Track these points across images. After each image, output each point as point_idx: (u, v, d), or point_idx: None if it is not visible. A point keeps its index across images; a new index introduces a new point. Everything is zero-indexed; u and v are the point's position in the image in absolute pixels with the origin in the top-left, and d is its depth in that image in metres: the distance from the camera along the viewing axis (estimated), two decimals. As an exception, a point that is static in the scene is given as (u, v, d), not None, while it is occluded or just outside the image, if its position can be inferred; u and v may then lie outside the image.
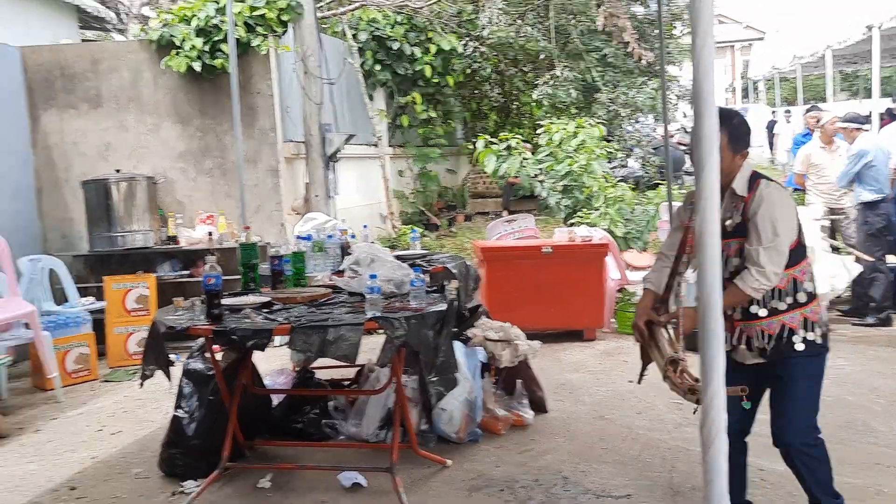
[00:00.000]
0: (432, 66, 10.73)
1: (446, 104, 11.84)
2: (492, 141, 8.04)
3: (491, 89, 12.81)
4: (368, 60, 10.26)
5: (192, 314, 3.66)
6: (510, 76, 12.36)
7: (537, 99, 11.22)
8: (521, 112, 13.58)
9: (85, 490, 3.83)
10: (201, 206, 7.35)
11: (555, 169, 7.74)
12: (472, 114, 13.21)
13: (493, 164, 7.93)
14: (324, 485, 3.73)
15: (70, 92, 7.33)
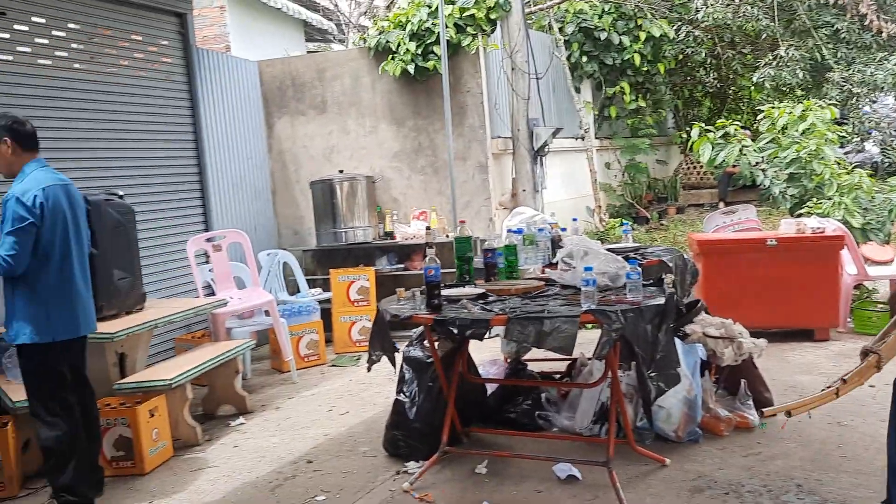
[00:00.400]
0: (642, 54, 10.41)
1: (656, 93, 11.44)
2: (707, 129, 7.63)
3: (706, 74, 12.18)
4: (575, 52, 10.17)
5: (414, 304, 3.84)
6: (727, 59, 11.66)
7: (757, 82, 10.49)
8: (739, 97, 12.78)
9: (320, 464, 4.16)
10: (415, 203, 7.70)
11: (779, 156, 7.19)
12: (683, 101, 12.65)
13: (708, 152, 7.51)
14: (538, 475, 3.75)
15: (299, 100, 7.98)
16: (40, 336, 3.61)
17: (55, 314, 3.64)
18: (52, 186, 3.67)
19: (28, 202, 3.55)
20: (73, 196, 3.82)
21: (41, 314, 3.62)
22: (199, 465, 4.33)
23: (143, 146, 6.17)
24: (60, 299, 3.67)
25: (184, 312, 5.18)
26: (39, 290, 3.62)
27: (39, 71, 5.33)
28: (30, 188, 3.60)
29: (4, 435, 4.07)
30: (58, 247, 3.66)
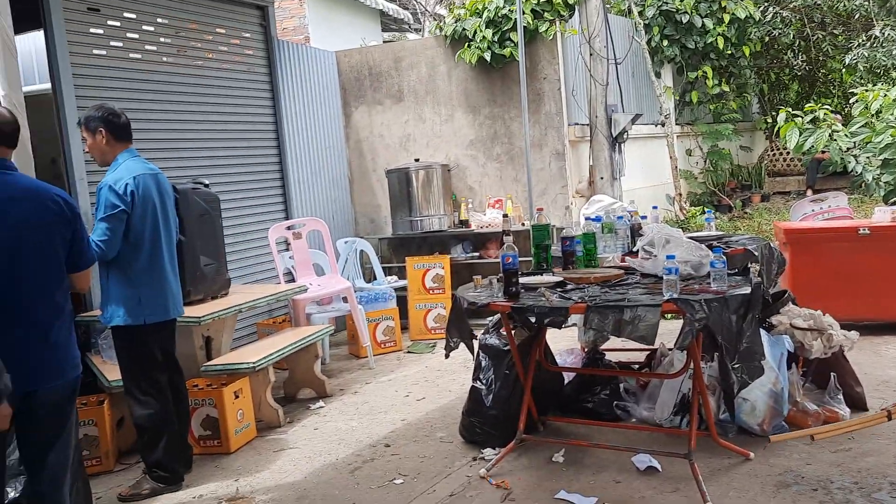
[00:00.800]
0: (725, 37, 10.08)
1: (740, 77, 11.06)
2: (794, 113, 7.33)
3: (793, 57, 11.70)
4: (656, 36, 9.93)
5: (491, 291, 3.84)
6: (816, 41, 11.18)
7: (850, 64, 10.02)
8: (829, 80, 12.23)
9: (398, 448, 4.22)
10: (490, 191, 7.69)
11: (873, 141, 6.85)
12: (769, 85, 12.19)
13: (796, 138, 7.22)
14: (617, 465, 3.71)
15: (376, 89, 8.07)
16: (132, 318, 3.79)
17: (146, 298, 3.81)
18: (142, 175, 3.83)
19: (120, 190, 3.71)
20: (163, 185, 3.98)
21: (133, 298, 3.79)
22: (282, 446, 4.45)
23: (227, 137, 6.35)
24: (151, 284, 3.83)
25: (266, 298, 5.32)
26: (131, 274, 3.80)
27: (130, 65, 5.55)
28: (122, 177, 3.77)
29: (101, 412, 4.28)
30: (148, 233, 3.82)
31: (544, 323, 3.48)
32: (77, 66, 5.09)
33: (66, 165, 5.06)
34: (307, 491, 3.78)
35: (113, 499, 3.88)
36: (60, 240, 2.77)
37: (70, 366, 2.80)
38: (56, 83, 4.98)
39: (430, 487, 3.68)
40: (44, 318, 2.71)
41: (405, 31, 14.88)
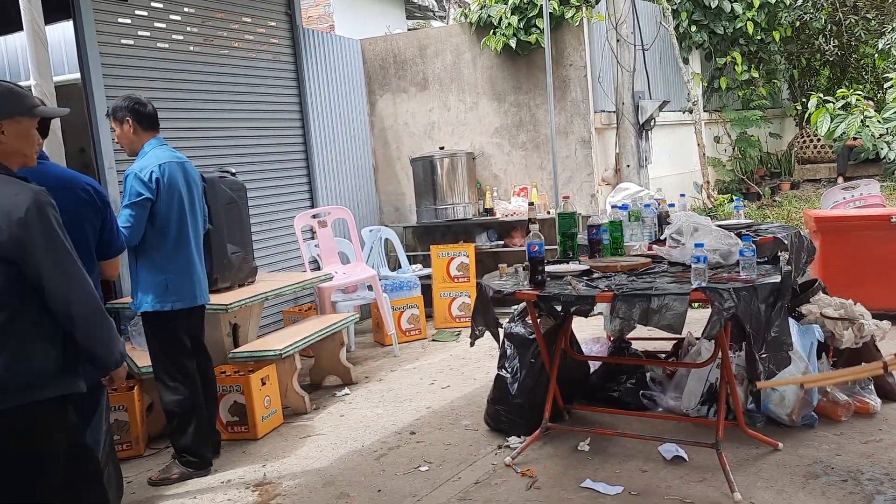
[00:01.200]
0: (755, 22, 9.91)
1: (770, 62, 10.87)
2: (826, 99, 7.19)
3: (825, 42, 11.47)
4: (684, 22, 9.78)
5: (517, 280, 3.83)
6: (849, 25, 10.95)
7: (883, 49, 9.78)
8: (861, 66, 11.98)
9: (423, 435, 4.24)
10: (515, 179, 7.65)
11: (906, 127, 6.72)
12: (800, 71, 11.96)
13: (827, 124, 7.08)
14: (643, 454, 3.69)
15: (401, 77, 8.05)
16: (161, 304, 3.84)
17: (173, 284, 3.86)
18: (168, 163, 3.86)
19: (144, 178, 3.76)
20: (190, 173, 4.01)
21: (161, 284, 3.84)
22: (308, 433, 4.49)
23: (253, 125, 6.38)
24: (178, 270, 3.88)
25: (292, 286, 5.35)
26: (158, 261, 3.84)
27: (158, 54, 5.59)
28: (147, 165, 3.81)
29: (131, 398, 4.34)
30: (174, 220, 3.86)
31: (570, 311, 3.47)
32: (105, 55, 5.13)
33: (94, 154, 5.12)
34: (333, 477, 3.81)
35: (143, 483, 3.94)
36: (91, 228, 2.80)
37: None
38: (85, 73, 5.03)
39: (456, 475, 3.69)
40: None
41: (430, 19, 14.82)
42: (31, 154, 2.50)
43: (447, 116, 7.90)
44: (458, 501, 3.41)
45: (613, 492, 3.34)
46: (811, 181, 11.30)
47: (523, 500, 3.36)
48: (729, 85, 10.40)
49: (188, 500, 3.71)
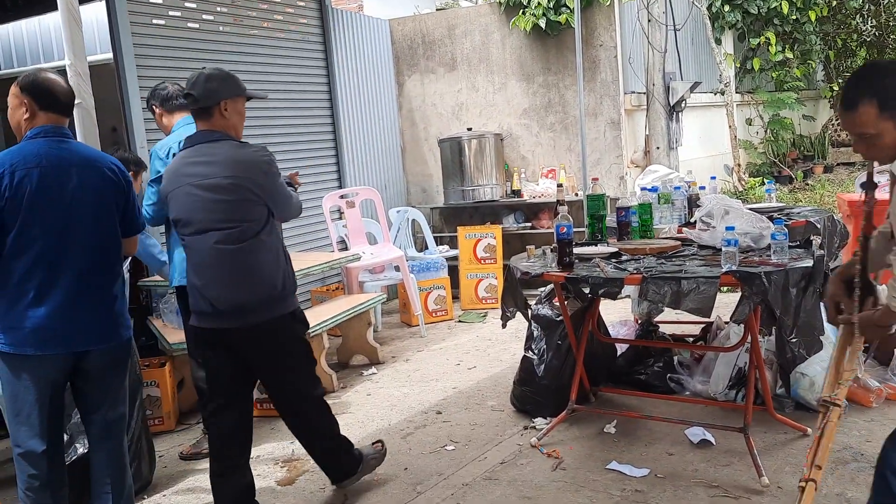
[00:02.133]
0: (790, 2, 9.71)
1: (805, 43, 10.65)
2: (862, 80, 7.05)
3: (862, 22, 11.21)
4: (716, 1, 9.62)
5: (544, 262, 3.82)
6: (887, 5, 10.69)
7: (922, 29, 9.56)
8: (900, 46, 11.68)
9: (449, 415, 4.27)
10: (543, 161, 7.61)
11: (945, 109, 6.57)
12: (835, 52, 11.71)
13: (863, 106, 6.97)
14: (670, 438, 3.69)
15: (429, 58, 8.02)
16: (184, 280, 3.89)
17: None
18: (187, 139, 3.89)
19: (161, 154, 3.81)
20: None
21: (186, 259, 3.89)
22: (335, 411, 4.46)
23: (282, 106, 6.41)
24: None
25: (320, 265, 5.39)
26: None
27: (188, 34, 5.62)
28: (167, 142, 3.86)
29: (163, 374, 4.42)
30: None
31: (598, 294, 3.45)
32: (137, 35, 5.18)
33: (126, 134, 5.18)
34: (360, 455, 3.86)
35: (174, 457, 4.02)
36: (114, 206, 2.85)
37: (123, 327, 2.89)
38: (117, 53, 5.08)
39: (482, 454, 3.72)
40: (101, 281, 2.80)
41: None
42: (241, 129, 3.21)
43: (475, 97, 7.86)
44: (484, 481, 3.44)
45: (639, 474, 3.34)
46: (845, 164, 11.09)
47: (549, 481, 3.38)
48: (762, 66, 10.22)
49: (218, 475, 3.77)
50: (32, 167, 2.65)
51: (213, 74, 3.12)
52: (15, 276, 2.66)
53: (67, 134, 2.83)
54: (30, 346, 2.66)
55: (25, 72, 2.90)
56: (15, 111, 2.79)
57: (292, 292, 3.19)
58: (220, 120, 3.09)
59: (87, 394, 2.87)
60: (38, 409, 2.72)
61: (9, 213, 2.62)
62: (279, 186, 3.11)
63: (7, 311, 2.68)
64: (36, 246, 2.66)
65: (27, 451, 2.75)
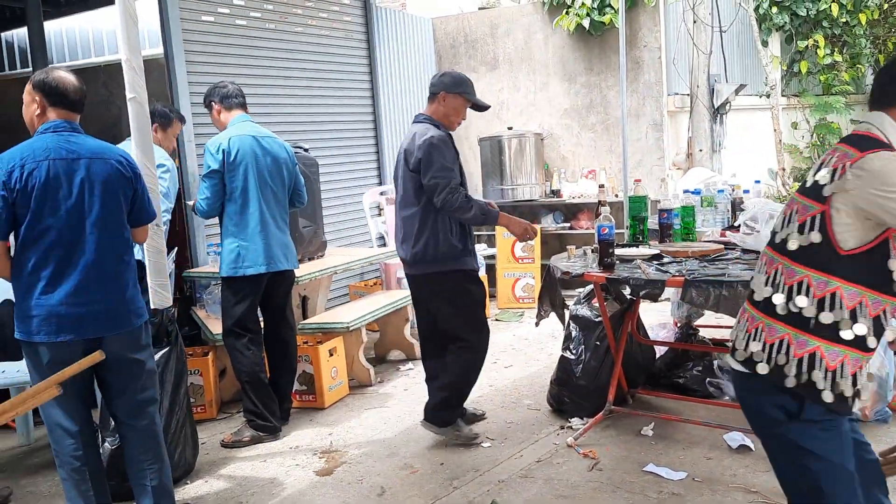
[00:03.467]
0: (840, 4, 9.52)
1: (854, 46, 10.43)
2: (914, 85, 6.90)
3: (913, 25, 10.95)
4: (764, 3, 9.47)
5: (585, 262, 3.82)
6: (940, 8, 10.43)
7: (977, 32, 9.30)
8: (953, 49, 11.38)
9: (485, 413, 4.28)
10: (583, 161, 7.58)
11: None
12: (886, 56, 11.44)
13: (913, 111, 6.82)
14: (708, 442, 3.66)
15: (471, 56, 8.04)
16: (234, 270, 4.00)
17: (244, 251, 4.00)
18: (240, 136, 4.02)
19: (213, 150, 3.97)
20: (269, 147, 4.12)
21: (234, 251, 4.00)
22: (373, 405, 4.60)
23: (325, 102, 6.49)
24: (247, 238, 4.01)
25: (360, 261, 5.46)
26: (230, 229, 4.03)
27: (236, 31, 5.72)
28: (219, 139, 4.01)
29: (206, 363, 4.51)
30: (239, 190, 4.00)
31: (640, 295, 3.45)
32: (187, 31, 5.28)
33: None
34: (397, 448, 3.90)
35: (216, 444, 4.11)
36: (123, 197, 2.93)
37: (135, 315, 2.95)
38: (168, 48, 5.19)
39: (518, 452, 3.74)
40: (112, 270, 2.88)
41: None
42: (455, 122, 3.87)
43: (516, 96, 7.86)
44: (520, 478, 3.46)
45: (677, 477, 3.33)
46: (893, 171, 10.83)
47: (585, 481, 3.38)
48: (810, 69, 10.04)
49: (258, 463, 3.85)
50: (41, 160, 2.75)
51: (450, 72, 3.95)
52: (28, 265, 2.77)
53: (77, 129, 2.91)
54: (43, 334, 2.76)
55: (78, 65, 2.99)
56: (27, 108, 2.91)
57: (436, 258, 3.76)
58: (438, 107, 3.82)
59: (108, 380, 2.96)
60: (65, 393, 2.81)
61: (20, 205, 2.72)
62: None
63: (21, 300, 2.80)
64: (47, 237, 2.76)
65: (61, 431, 2.87)
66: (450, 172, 3.65)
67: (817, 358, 1.89)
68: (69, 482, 2.91)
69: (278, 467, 3.78)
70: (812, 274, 1.90)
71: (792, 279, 1.92)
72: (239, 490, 3.56)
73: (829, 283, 1.88)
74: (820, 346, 1.89)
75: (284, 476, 3.67)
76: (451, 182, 3.62)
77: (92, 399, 3.07)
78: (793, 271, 1.93)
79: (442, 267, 3.74)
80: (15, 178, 2.71)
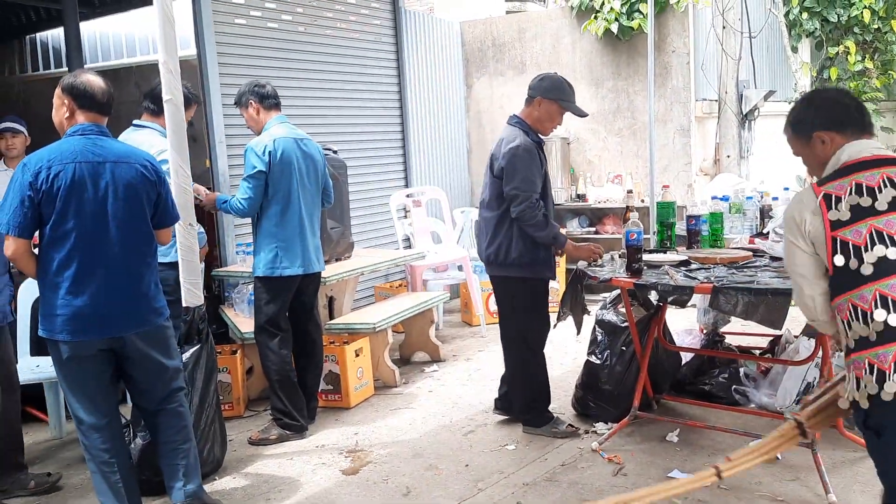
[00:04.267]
0: (872, 10, 9.41)
1: (886, 53, 10.29)
2: (947, 93, 6.82)
3: (947, 32, 10.79)
4: (794, 9, 9.39)
5: (612, 267, 3.83)
6: (974, 15, 10.27)
7: None
8: None
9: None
10: (609, 166, 7.57)
11: None
12: (918, 63, 11.30)
13: (947, 119, 6.73)
14: (733, 449, 3.60)
15: (499, 60, 8.06)
16: (271, 270, 4.05)
17: (283, 252, 4.05)
18: (283, 139, 4.06)
19: (259, 152, 3.98)
20: (307, 150, 4.18)
21: (272, 251, 4.05)
22: (398, 405, 4.63)
23: (354, 105, 6.55)
24: (287, 239, 4.06)
25: (386, 262, 5.50)
26: (270, 230, 4.06)
27: (267, 33, 5.79)
28: (262, 140, 4.03)
29: (234, 361, 4.57)
30: (283, 192, 4.05)
31: (667, 301, 3.45)
32: (220, 34, 5.36)
33: (207, 129, 5.36)
34: (422, 449, 3.93)
35: (243, 441, 4.16)
36: (147, 200, 3.00)
37: (156, 314, 3.03)
38: (201, 50, 5.27)
39: (542, 456, 3.75)
40: (136, 269, 2.96)
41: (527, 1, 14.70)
42: (548, 128, 3.90)
43: (543, 101, 7.85)
44: (545, 482, 3.47)
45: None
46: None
47: (609, 486, 3.39)
48: (840, 76, 9.92)
49: (285, 461, 3.90)
50: (68, 163, 2.83)
51: (549, 76, 3.93)
52: (52, 265, 2.85)
53: (105, 132, 2.99)
54: (66, 333, 2.84)
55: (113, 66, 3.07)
56: (57, 111, 2.99)
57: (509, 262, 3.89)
58: (532, 110, 3.86)
59: (134, 377, 3.05)
60: (89, 387, 2.91)
61: (45, 205, 2.80)
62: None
63: (46, 300, 2.88)
64: (71, 237, 2.83)
65: (88, 425, 2.95)
66: (531, 185, 3.72)
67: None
68: (99, 475, 2.98)
69: (304, 465, 3.82)
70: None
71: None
72: (266, 487, 3.60)
73: None
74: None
75: (311, 474, 3.71)
76: (531, 197, 3.71)
77: (119, 394, 3.14)
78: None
79: (509, 272, 3.87)
80: (42, 180, 2.78)
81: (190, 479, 3.11)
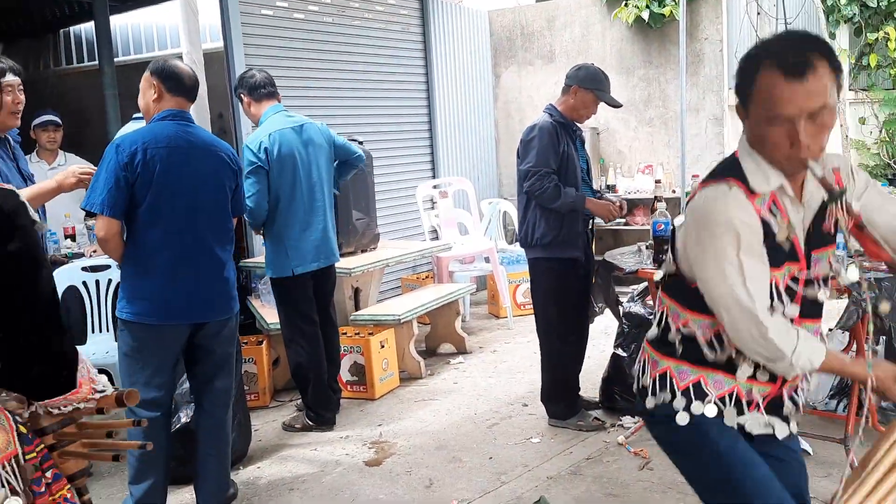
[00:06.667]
0: (914, -6, 9.14)
1: (928, 38, 10.00)
2: None
3: None
4: (832, -6, 9.16)
5: (639, 258, 3.76)
6: None
7: None
8: None
9: (534, 408, 4.26)
10: (640, 156, 7.46)
11: None
12: (961, 48, 10.95)
13: None
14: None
15: (527, 49, 7.98)
16: (282, 271, 3.99)
17: (292, 250, 3.97)
18: (279, 131, 3.92)
19: (254, 148, 3.88)
20: (309, 136, 4.03)
21: (281, 252, 3.98)
22: (423, 397, 4.61)
23: (381, 95, 6.52)
24: (295, 236, 3.97)
25: (412, 253, 5.48)
26: (276, 229, 3.98)
27: (294, 24, 5.79)
28: (257, 136, 3.93)
29: (260, 352, 4.60)
30: (285, 188, 3.93)
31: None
32: (247, 25, 5.37)
33: (234, 122, 5.38)
34: (446, 441, 3.91)
35: (268, 431, 4.19)
36: (227, 188, 3.00)
37: (235, 300, 3.07)
38: (227, 41, 5.28)
39: (567, 449, 3.71)
40: (220, 257, 2.98)
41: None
42: (583, 116, 3.94)
43: (572, 90, 7.76)
44: (570, 475, 3.43)
45: (730, 480, 3.25)
46: (968, 169, 10.38)
47: (635, 480, 3.34)
48: (879, 63, 9.65)
49: (309, 451, 3.91)
50: (162, 147, 2.84)
51: (586, 66, 3.97)
52: (146, 249, 2.85)
53: (191, 119, 3.00)
54: (154, 316, 2.84)
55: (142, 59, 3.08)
56: (145, 93, 2.99)
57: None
58: (568, 98, 3.87)
59: (201, 365, 3.05)
60: (157, 375, 2.89)
61: (139, 187, 2.80)
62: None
63: (135, 282, 2.87)
64: (163, 222, 2.84)
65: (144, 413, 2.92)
66: (543, 159, 3.68)
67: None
68: (135, 458, 2.94)
69: (329, 456, 3.82)
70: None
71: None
72: (290, 476, 3.61)
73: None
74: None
75: (335, 465, 3.71)
76: (540, 169, 3.63)
77: (176, 381, 3.14)
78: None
79: (535, 253, 3.88)
80: (138, 161, 2.78)
81: (220, 482, 3.13)
